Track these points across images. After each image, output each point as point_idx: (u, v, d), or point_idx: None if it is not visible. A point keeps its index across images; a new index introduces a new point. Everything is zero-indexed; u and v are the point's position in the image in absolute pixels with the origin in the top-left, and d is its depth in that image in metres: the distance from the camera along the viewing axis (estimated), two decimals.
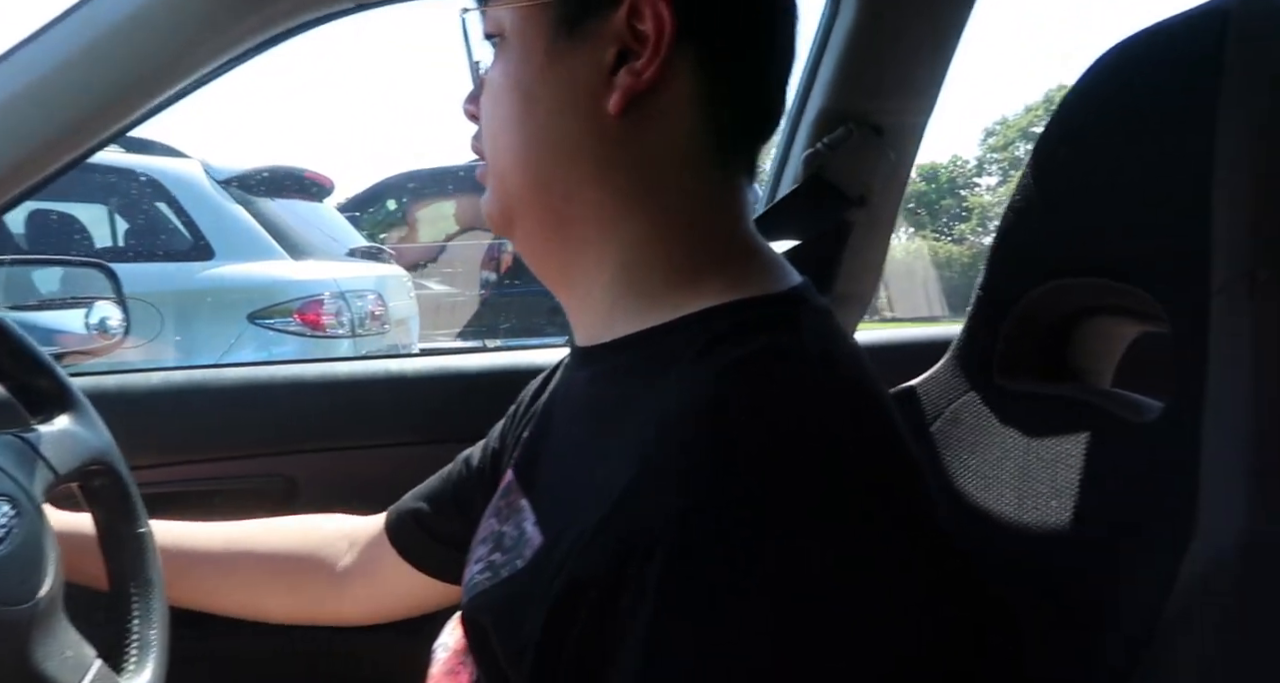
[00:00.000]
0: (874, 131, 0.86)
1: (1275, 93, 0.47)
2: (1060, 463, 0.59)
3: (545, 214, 0.49)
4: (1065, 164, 0.63)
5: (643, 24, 0.44)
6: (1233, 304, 0.46)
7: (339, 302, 2.99)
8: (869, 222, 0.91)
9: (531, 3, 0.46)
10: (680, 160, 0.48)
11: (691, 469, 0.38)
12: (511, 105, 0.48)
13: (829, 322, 0.49)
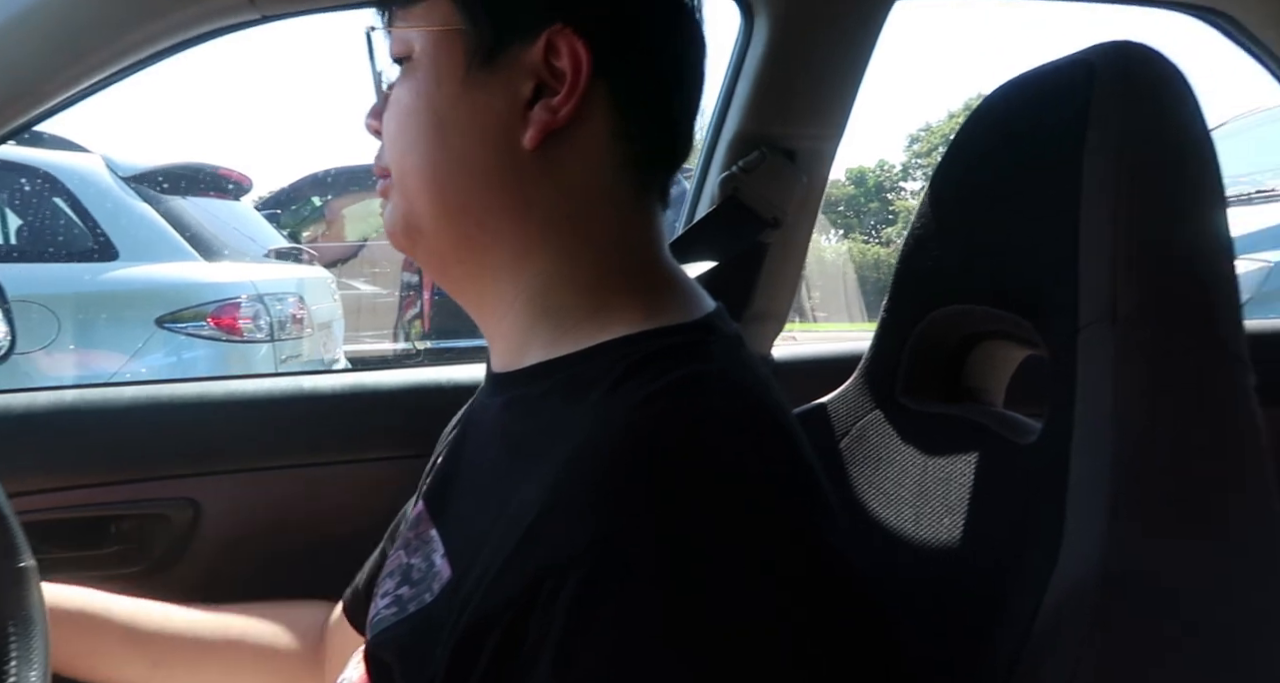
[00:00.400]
0: (787, 156, 0.88)
1: (1131, 142, 0.51)
2: (953, 482, 0.62)
3: (456, 239, 0.49)
4: (956, 196, 0.67)
5: (559, 60, 0.45)
6: (1097, 339, 0.49)
7: (257, 304, 2.88)
8: (784, 242, 0.94)
9: (444, 28, 0.46)
10: (595, 192, 0.48)
11: (604, 499, 0.38)
12: (421, 129, 0.48)
13: (740, 350, 0.50)
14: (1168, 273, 0.50)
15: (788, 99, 0.86)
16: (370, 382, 0.95)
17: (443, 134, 0.47)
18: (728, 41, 0.88)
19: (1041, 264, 0.56)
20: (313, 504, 0.88)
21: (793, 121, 0.87)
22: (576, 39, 0.44)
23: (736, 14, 0.85)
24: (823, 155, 0.90)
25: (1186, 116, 0.52)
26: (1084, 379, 0.50)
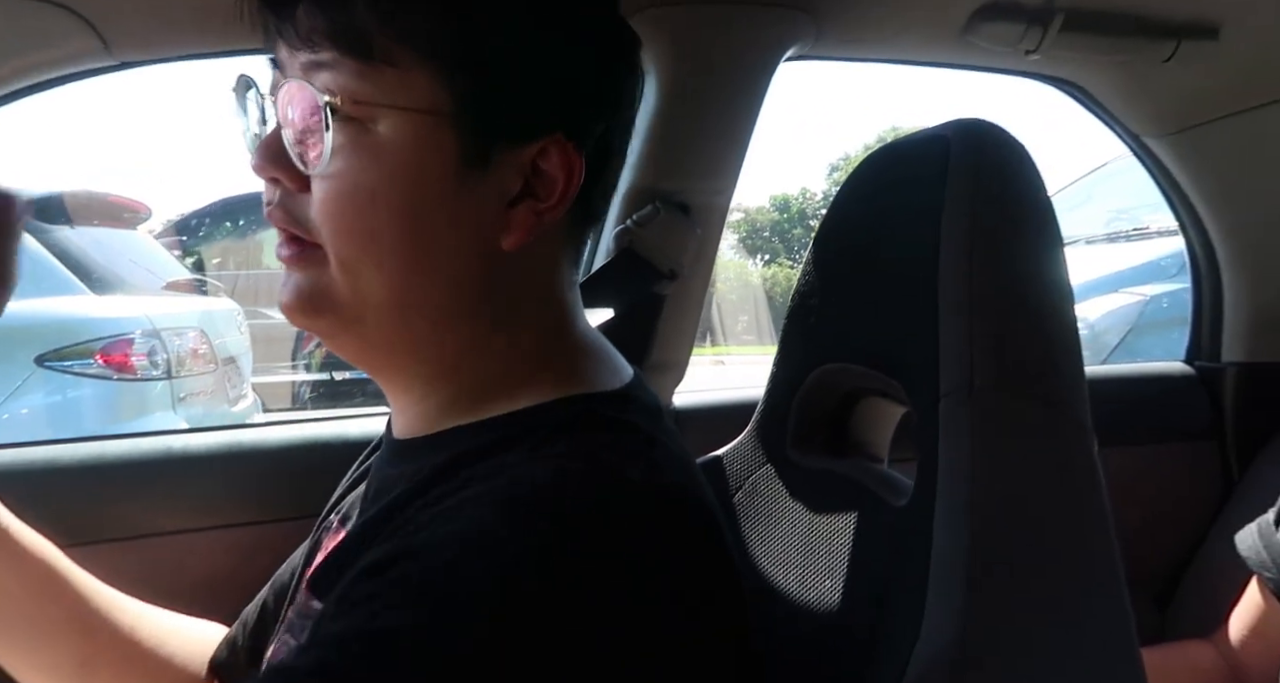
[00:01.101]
0: (681, 209, 0.89)
1: (982, 212, 0.54)
2: (835, 543, 0.64)
3: (398, 333, 0.45)
4: (834, 257, 0.69)
5: (547, 163, 0.43)
6: (956, 408, 0.51)
7: (152, 340, 2.72)
8: (681, 294, 0.95)
9: (429, 113, 0.41)
10: (552, 281, 0.47)
11: (516, 552, 0.36)
12: (392, 220, 0.42)
13: (658, 421, 0.49)
14: (1020, 343, 0.53)
15: (680, 155, 0.87)
16: (269, 438, 0.91)
17: (419, 230, 0.42)
18: None
19: (906, 329, 0.58)
20: (182, 575, 0.83)
21: (686, 176, 0.88)
22: (573, 149, 0.43)
23: None
24: (716, 209, 0.91)
25: (1030, 187, 0.56)
26: (945, 449, 0.52)
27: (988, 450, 0.49)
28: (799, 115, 35.70)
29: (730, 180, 0.90)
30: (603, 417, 0.45)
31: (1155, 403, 1.11)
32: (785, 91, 0.97)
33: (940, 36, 0.87)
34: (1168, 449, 1.09)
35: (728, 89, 0.84)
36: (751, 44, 0.81)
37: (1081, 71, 0.97)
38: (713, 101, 0.85)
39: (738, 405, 1.04)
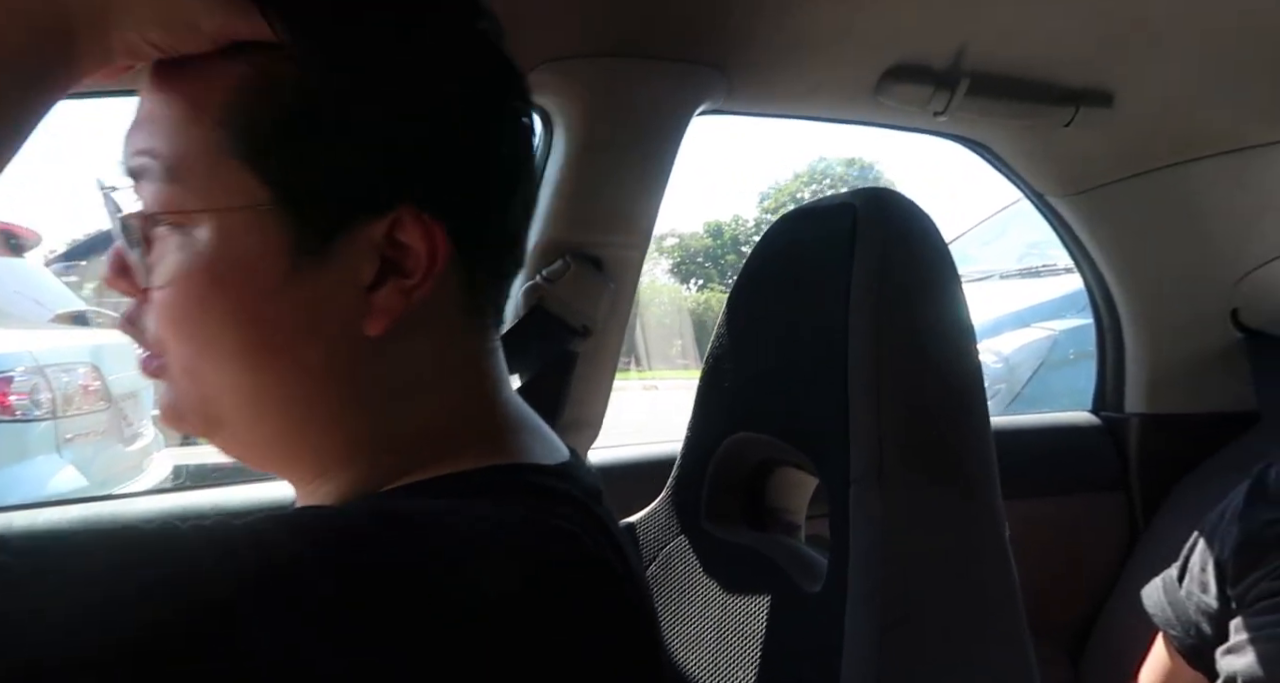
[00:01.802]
0: (593, 264, 0.86)
1: (890, 288, 0.53)
2: (749, 624, 0.61)
3: (270, 434, 0.41)
4: (747, 322, 0.67)
5: (405, 235, 0.38)
6: (865, 495, 0.49)
7: (36, 377, 2.51)
8: (595, 351, 0.91)
9: (248, 208, 0.37)
10: (445, 357, 0.42)
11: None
12: (225, 326, 0.39)
13: (597, 501, 0.44)
14: (931, 425, 0.51)
15: (591, 208, 0.84)
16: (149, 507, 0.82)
17: (258, 330, 0.39)
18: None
19: (817, 404, 0.56)
20: None
21: (597, 230, 0.85)
22: (429, 218, 0.38)
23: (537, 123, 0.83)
24: (630, 263, 0.89)
25: (935, 257, 0.55)
26: (855, 537, 0.50)
27: (898, 541, 0.47)
28: (731, 143, 36.52)
29: (644, 234, 0.88)
30: (534, 483, 0.41)
31: (1063, 454, 1.14)
32: (715, 121, 0.94)
33: (852, 96, 0.87)
34: (1076, 500, 1.11)
35: (640, 143, 0.82)
36: (663, 99, 0.79)
37: (988, 133, 0.99)
38: (624, 155, 0.82)
39: (655, 462, 1.00)
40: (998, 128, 0.96)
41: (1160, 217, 1.04)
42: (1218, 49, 0.82)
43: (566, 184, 0.83)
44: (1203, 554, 0.74)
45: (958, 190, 8.56)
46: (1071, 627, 1.10)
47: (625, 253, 0.88)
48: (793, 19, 0.75)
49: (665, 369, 6.76)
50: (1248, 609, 0.66)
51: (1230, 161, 0.99)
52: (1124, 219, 1.06)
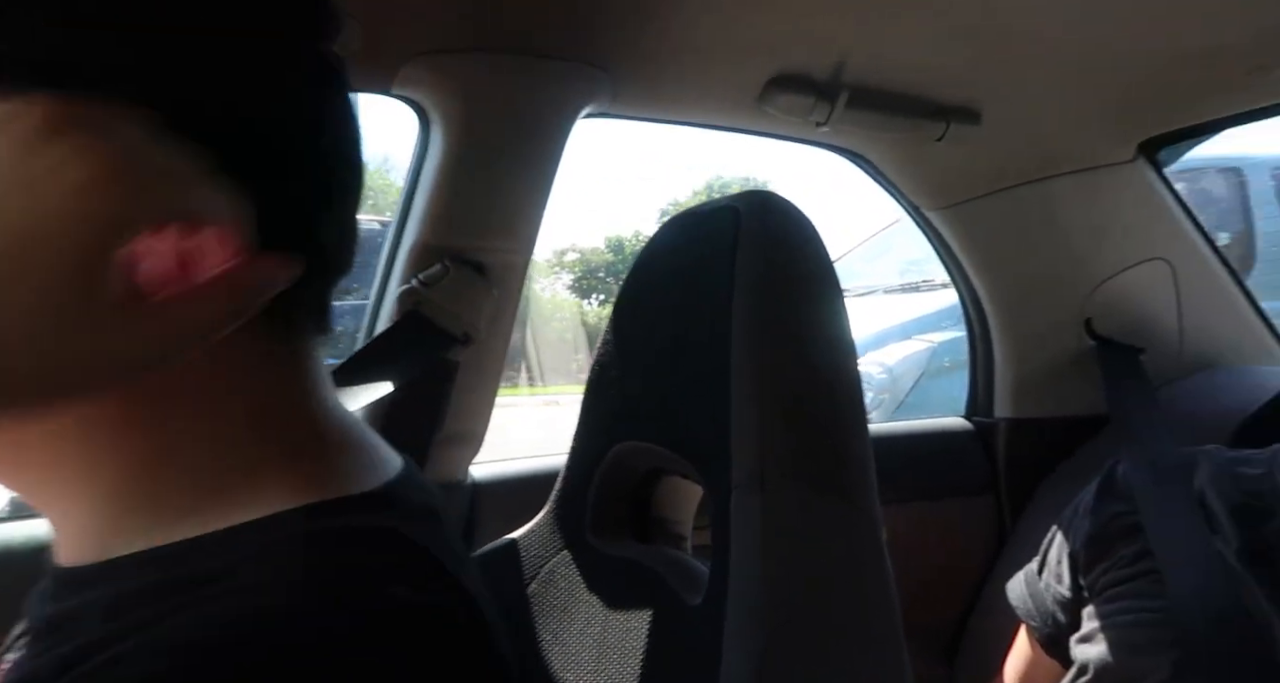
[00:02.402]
0: (475, 269, 0.82)
1: (771, 294, 0.52)
2: (629, 640, 0.58)
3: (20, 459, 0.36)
4: (632, 329, 0.65)
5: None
6: (746, 503, 0.48)
7: None
8: (477, 360, 0.87)
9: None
10: (250, 370, 0.37)
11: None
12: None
13: (427, 523, 0.40)
14: (813, 432, 0.51)
15: (471, 210, 0.80)
16: None
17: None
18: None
19: (701, 411, 0.54)
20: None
21: (478, 234, 0.82)
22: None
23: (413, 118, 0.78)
24: (514, 268, 0.85)
25: (816, 261, 0.55)
26: (736, 547, 0.48)
27: (779, 550, 0.46)
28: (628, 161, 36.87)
29: (528, 239, 0.84)
30: (345, 531, 0.36)
31: (937, 459, 1.18)
32: (616, 135, 0.93)
33: (737, 104, 0.87)
34: (950, 503, 1.15)
35: (521, 143, 0.79)
36: (545, 98, 0.77)
37: (867, 145, 1.02)
38: (505, 156, 0.79)
39: (540, 476, 0.97)
40: (876, 140, 0.99)
41: (1022, 230, 1.10)
42: (1073, 75, 0.87)
43: (444, 184, 0.79)
44: (1059, 548, 0.78)
45: (847, 206, 9.04)
46: (947, 627, 1.14)
47: (508, 258, 0.84)
48: (677, 23, 0.74)
49: (567, 384, 6.71)
50: (1098, 598, 0.70)
51: (1084, 179, 1.06)
52: (991, 232, 1.11)
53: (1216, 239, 1.15)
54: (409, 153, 0.82)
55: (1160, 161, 1.07)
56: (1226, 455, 0.72)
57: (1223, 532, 0.65)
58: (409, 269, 0.80)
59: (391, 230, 0.83)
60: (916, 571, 1.13)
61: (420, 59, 0.71)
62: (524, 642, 0.65)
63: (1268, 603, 0.60)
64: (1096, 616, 0.69)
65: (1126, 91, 0.90)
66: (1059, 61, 0.84)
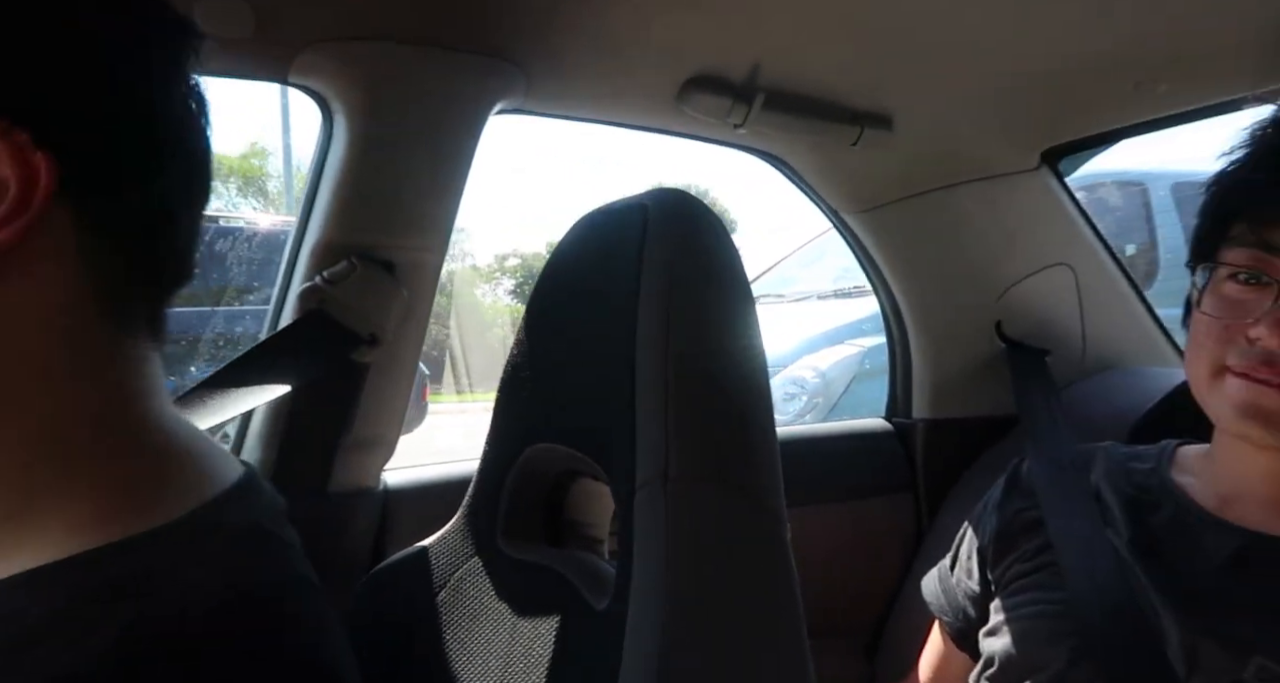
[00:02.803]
0: (384, 267, 0.79)
1: (678, 292, 0.51)
2: (536, 647, 0.57)
3: None
4: (543, 328, 0.64)
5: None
6: (650, 501, 0.47)
7: None
8: (388, 362, 0.84)
9: None
10: (40, 336, 0.34)
11: None
12: None
13: (254, 547, 0.38)
14: (718, 429, 0.50)
15: (379, 207, 0.78)
16: None
17: None
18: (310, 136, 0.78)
19: (607, 410, 0.54)
20: None
21: (387, 231, 0.79)
22: (32, 147, 0.32)
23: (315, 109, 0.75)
24: (426, 267, 0.83)
25: (725, 260, 0.54)
26: (639, 547, 0.47)
27: (681, 549, 0.45)
28: (570, 161, 36.80)
29: (440, 237, 0.82)
30: (159, 571, 0.33)
31: (859, 459, 1.20)
32: (558, 139, 0.91)
33: (655, 103, 0.87)
34: (872, 503, 1.17)
35: (431, 138, 0.77)
36: (456, 92, 0.75)
37: (786, 148, 1.03)
38: (413, 151, 0.77)
39: (455, 481, 0.94)
40: (793, 144, 1.00)
41: (935, 235, 1.13)
42: (978, 85, 0.90)
43: (349, 179, 0.76)
44: (969, 543, 0.79)
45: (784, 212, 9.35)
46: (868, 624, 1.16)
47: (419, 256, 0.82)
48: (592, 19, 0.73)
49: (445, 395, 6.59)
50: (1003, 591, 0.71)
51: (991, 186, 1.09)
52: (906, 237, 1.14)
53: (1124, 250, 1.20)
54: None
55: (1061, 171, 1.12)
56: (1121, 451, 0.75)
57: (1115, 525, 0.67)
58: (313, 267, 0.77)
59: (294, 227, 0.79)
60: (839, 569, 1.14)
61: (318, 46, 0.68)
62: (432, 653, 0.63)
63: (1154, 593, 0.62)
64: (1002, 608, 0.70)
65: (1028, 102, 0.93)
66: (965, 71, 0.86)
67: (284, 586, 0.37)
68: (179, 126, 0.38)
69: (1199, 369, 0.62)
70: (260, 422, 0.82)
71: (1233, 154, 0.62)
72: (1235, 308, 0.59)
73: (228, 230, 1.93)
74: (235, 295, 1.66)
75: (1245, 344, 0.58)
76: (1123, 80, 0.86)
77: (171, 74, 0.37)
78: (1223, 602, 0.59)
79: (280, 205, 4.85)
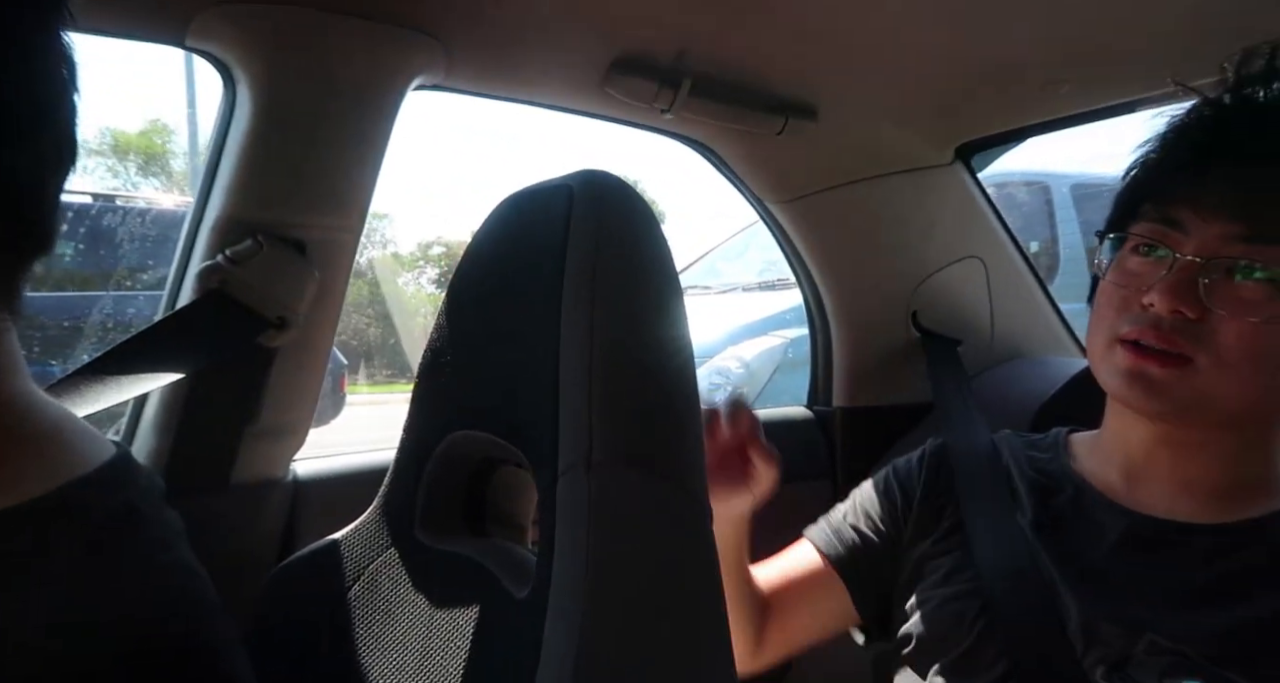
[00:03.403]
0: (295, 247, 0.75)
1: (604, 276, 0.50)
2: (454, 639, 0.55)
3: None
4: (463, 311, 0.62)
5: None
6: (573, 487, 0.46)
7: None
8: (299, 347, 0.80)
9: None
10: None
11: None
12: None
13: (124, 536, 0.35)
14: (641, 415, 0.49)
15: (287, 183, 0.73)
16: None
17: None
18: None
19: (530, 395, 0.52)
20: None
21: (296, 209, 0.75)
22: None
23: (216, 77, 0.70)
24: (340, 248, 0.79)
25: (651, 243, 0.54)
26: (561, 533, 0.46)
27: (603, 534, 0.44)
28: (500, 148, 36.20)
29: (355, 217, 0.78)
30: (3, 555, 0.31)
31: (780, 446, 1.21)
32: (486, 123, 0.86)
33: (581, 84, 0.85)
34: (792, 488, 1.18)
35: (344, 113, 0.73)
36: (368, 65, 0.71)
37: (712, 136, 1.03)
38: (326, 125, 0.73)
39: (369, 471, 0.91)
40: (720, 132, 1.00)
41: (856, 226, 1.15)
42: (897, 80, 0.92)
43: (253, 153, 0.71)
44: (874, 496, 0.82)
45: (713, 202, 9.52)
46: None
47: (333, 237, 0.78)
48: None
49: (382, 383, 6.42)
50: (918, 573, 0.73)
51: (909, 180, 1.12)
52: (829, 227, 1.16)
53: (1028, 247, 1.26)
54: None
55: (974, 166, 1.16)
56: (1019, 439, 0.78)
57: (1022, 506, 0.70)
58: (214, 245, 0.72)
59: (193, 202, 0.74)
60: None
61: (218, 8, 0.64)
62: (345, 649, 0.60)
63: (1056, 573, 0.64)
64: (916, 591, 0.72)
65: (943, 98, 0.96)
66: (885, 65, 0.88)
67: (160, 568, 0.35)
68: (47, 93, 0.35)
69: (1097, 340, 0.64)
70: (155, 409, 0.77)
71: (1146, 145, 0.65)
72: (1135, 279, 0.62)
73: (127, 210, 1.80)
74: (128, 275, 1.55)
75: (1140, 311, 0.60)
76: (1030, 80, 0.90)
77: (39, 39, 0.34)
78: (1117, 581, 0.62)
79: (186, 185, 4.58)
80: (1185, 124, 0.63)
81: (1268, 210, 0.56)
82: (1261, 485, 0.62)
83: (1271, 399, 0.59)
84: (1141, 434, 0.65)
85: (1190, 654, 0.55)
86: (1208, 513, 0.62)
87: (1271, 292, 0.56)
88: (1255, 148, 0.58)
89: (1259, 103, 0.59)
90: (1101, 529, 0.65)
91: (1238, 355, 0.57)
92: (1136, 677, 0.57)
